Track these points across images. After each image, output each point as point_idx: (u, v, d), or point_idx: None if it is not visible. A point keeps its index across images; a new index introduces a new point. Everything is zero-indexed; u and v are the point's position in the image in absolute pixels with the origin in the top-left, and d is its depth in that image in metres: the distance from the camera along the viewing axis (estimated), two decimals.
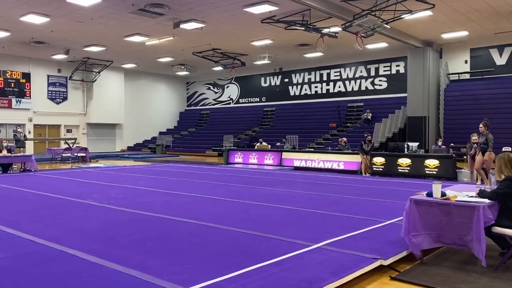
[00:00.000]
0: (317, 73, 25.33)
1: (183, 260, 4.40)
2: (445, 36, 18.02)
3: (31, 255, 4.57)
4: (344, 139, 16.37)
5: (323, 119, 23.63)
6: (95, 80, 25.56)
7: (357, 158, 14.29)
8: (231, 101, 29.76)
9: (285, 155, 16.90)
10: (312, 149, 18.37)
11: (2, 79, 22.33)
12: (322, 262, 4.29)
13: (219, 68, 24.10)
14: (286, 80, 26.72)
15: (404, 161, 13.23)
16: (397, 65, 22.20)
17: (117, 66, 25.60)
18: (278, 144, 18.87)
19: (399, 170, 13.24)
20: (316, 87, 25.49)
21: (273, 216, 6.89)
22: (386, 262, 4.36)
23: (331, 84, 24.86)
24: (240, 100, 29.24)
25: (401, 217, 4.85)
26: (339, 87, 24.54)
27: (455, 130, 18.17)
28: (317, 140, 21.60)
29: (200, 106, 31.58)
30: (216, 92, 30.60)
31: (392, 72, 22.49)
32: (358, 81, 23.78)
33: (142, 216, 6.73)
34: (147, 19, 15.35)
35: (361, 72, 23.63)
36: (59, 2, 13.28)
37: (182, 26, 15.77)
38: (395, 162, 13.44)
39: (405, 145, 13.71)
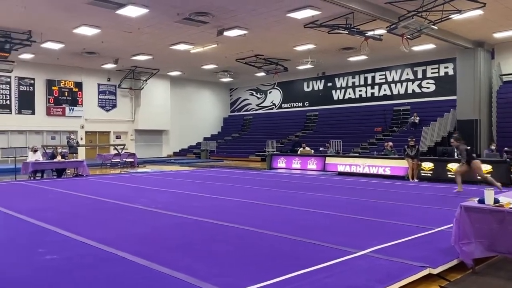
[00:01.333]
0: (361, 76, 24.90)
1: (229, 264, 4.46)
2: (497, 35, 17.19)
3: (84, 257, 4.78)
4: (390, 143, 15.97)
5: (368, 123, 23.17)
6: (143, 88, 26.43)
7: (404, 163, 13.88)
8: (273, 106, 29.82)
9: (328, 160, 16.71)
10: (357, 154, 18.04)
11: (56, 89, 23.57)
12: (368, 270, 4.21)
13: (262, 74, 24.24)
14: (329, 84, 26.45)
15: (455, 166, 12.71)
16: (446, 67, 21.41)
17: (163, 74, 26.36)
18: (321, 149, 18.69)
19: (449, 176, 12.73)
20: (360, 90, 25.05)
21: (316, 221, 6.83)
22: (435, 271, 4.22)
23: (376, 87, 24.36)
24: (283, 105, 29.24)
25: (451, 225, 4.67)
26: (385, 90, 23.99)
27: (509, 134, 17.24)
28: (361, 144, 21.20)
29: (243, 111, 31.88)
30: (258, 98, 30.78)
31: (440, 74, 21.71)
32: (404, 84, 23.15)
33: (188, 220, 6.87)
34: (191, 28, 15.72)
35: (407, 74, 22.99)
36: (109, 14, 13.87)
37: (226, 33, 16.01)
38: (445, 167, 12.93)
39: (455, 150, 13.18)
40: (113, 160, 20.30)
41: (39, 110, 22.98)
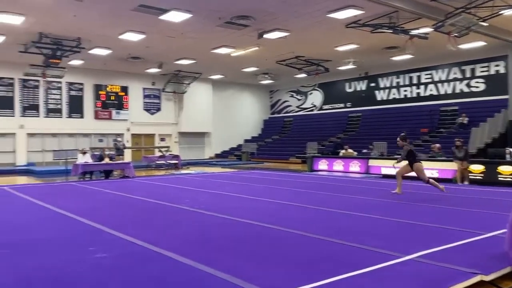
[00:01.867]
0: (406, 76, 24.25)
1: (271, 266, 4.46)
2: None
3: (132, 256, 4.94)
4: (438, 145, 15.42)
5: (414, 124, 22.50)
6: (186, 91, 26.99)
7: (452, 166, 13.37)
8: (314, 107, 29.60)
9: (372, 162, 16.37)
10: None
11: (104, 93, 24.51)
12: (414, 275, 4.09)
13: (302, 75, 24.13)
14: (372, 84, 25.93)
15: (506, 169, 12.12)
16: (497, 65, 20.45)
17: (205, 77, 26.81)
18: (364, 151, 18.34)
19: (500, 179, 12.15)
20: (405, 91, 24.40)
21: (359, 225, 6.71)
22: (487, 278, 4.03)
23: (422, 87, 23.63)
24: (324, 107, 28.96)
25: (504, 230, 4.45)
26: (431, 90, 23.23)
27: None
28: None
29: (283, 113, 31.85)
30: (299, 99, 30.65)
31: (491, 73, 20.76)
32: (451, 83, 22.32)
33: (231, 221, 6.94)
34: (233, 31, 15.90)
35: (455, 73, 22.15)
36: (154, 19, 14.29)
37: (266, 36, 16.07)
38: (495, 170, 12.34)
39: (507, 151, 12.55)
40: (157, 162, 20.85)
41: (87, 114, 23.98)
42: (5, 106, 21.38)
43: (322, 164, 18.08)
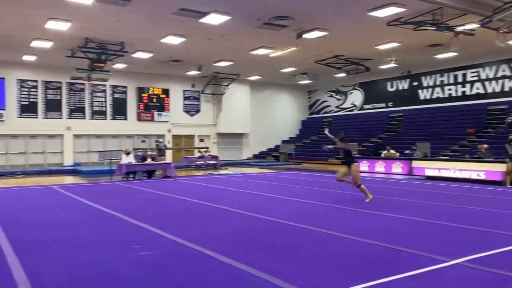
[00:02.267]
0: (451, 74, 23.38)
1: (312, 268, 4.42)
2: None
3: (172, 254, 5.04)
4: (485, 146, 14.78)
5: (459, 124, 21.67)
6: (224, 93, 27.27)
7: (500, 167, 12.77)
8: (354, 107, 29.11)
9: (415, 163, 15.91)
10: (447, 157, 16.96)
11: (146, 95, 25.17)
12: (462, 280, 3.93)
13: (342, 74, 23.79)
14: (415, 83, 25.19)
15: None
16: None
17: (243, 78, 26.97)
18: (407, 151, 17.85)
19: None
20: (449, 89, 23.54)
21: (403, 227, 6.53)
22: None
23: (468, 85, 22.71)
24: (364, 107, 28.42)
25: None
26: (477, 88, 22.28)
27: None
28: (451, 147, 19.89)
29: (322, 114, 31.52)
30: (338, 99, 30.24)
31: None
32: (500, 81, 21.31)
33: (270, 222, 6.94)
34: (271, 32, 15.90)
35: (503, 71, 21.13)
36: (194, 23, 14.52)
37: (305, 36, 15.96)
38: None
39: None
40: (197, 162, 21.18)
41: (130, 116, 24.70)
42: (54, 109, 22.38)
43: (363, 166, 17.74)
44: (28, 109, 21.61)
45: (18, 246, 5.40)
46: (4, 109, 20.78)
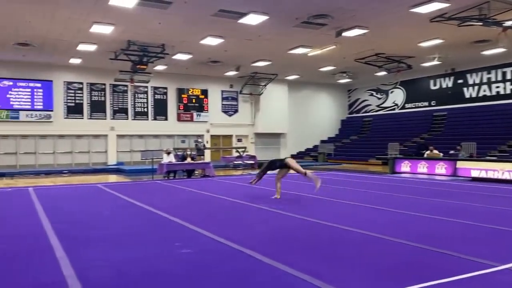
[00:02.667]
0: (499, 71, 22.35)
1: (353, 270, 4.34)
2: None
3: (213, 252, 5.08)
4: None
5: (508, 123, 20.68)
6: (262, 93, 27.32)
7: None
8: (396, 106, 28.40)
9: (460, 164, 15.31)
10: (494, 158, 16.23)
11: (186, 96, 25.62)
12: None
13: (383, 73, 23.27)
14: (460, 81, 24.27)
15: None
16: None
17: (281, 78, 26.92)
18: (451, 152, 17.22)
19: None
20: (497, 87, 22.51)
21: (447, 230, 6.29)
22: None
23: None
24: (406, 105, 27.67)
25: None
26: None
27: None
28: (500, 147, 19.01)
29: (362, 113, 30.96)
30: (379, 98, 29.60)
31: None
32: None
33: (309, 222, 6.87)
34: (310, 31, 15.78)
35: None
36: (232, 24, 14.63)
37: (345, 34, 15.72)
38: None
39: None
40: (235, 162, 21.33)
41: (171, 116, 25.22)
42: (98, 110, 23.19)
43: (405, 166, 17.27)
44: (74, 110, 22.52)
45: (66, 242, 5.62)
46: (52, 110, 21.75)
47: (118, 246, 5.45)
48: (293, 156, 28.74)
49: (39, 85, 21.49)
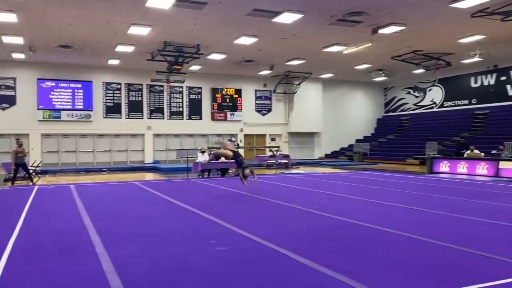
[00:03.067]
0: None
1: (388, 270, 4.26)
2: None
3: (249, 251, 5.10)
4: None
5: None
6: (296, 91, 27.20)
7: None
8: (434, 105, 27.59)
9: (503, 164, 14.71)
10: None
11: (220, 96, 25.87)
12: None
13: (420, 70, 22.66)
14: (503, 78, 23.29)
15: None
16: None
17: (315, 77, 26.71)
18: (493, 152, 16.57)
19: None
20: None
21: (489, 232, 6.05)
22: None
23: None
24: (445, 104, 26.82)
25: None
26: None
27: None
28: None
29: (398, 112, 30.27)
30: (416, 96, 28.85)
31: None
32: None
33: (345, 223, 6.78)
34: (345, 29, 15.58)
35: None
36: (266, 23, 14.64)
37: (381, 31, 15.42)
38: None
39: None
40: (268, 161, 21.33)
41: (205, 116, 25.53)
42: (136, 110, 23.78)
43: (444, 166, 16.76)
44: (112, 110, 23.19)
45: (106, 237, 5.79)
46: (92, 110, 22.48)
47: (155, 242, 5.58)
48: (327, 156, 28.53)
49: (79, 85, 22.26)
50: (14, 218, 7.32)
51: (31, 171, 14.79)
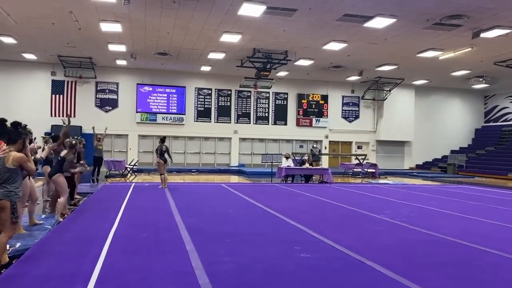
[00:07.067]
0: None
1: None
2: None
3: (335, 260, 5.00)
4: None
5: None
6: (386, 98, 26.19)
7: None
8: None
9: None
10: None
11: (305, 101, 25.79)
12: None
13: None
14: None
15: None
16: None
17: (407, 83, 25.49)
18: None
19: None
20: None
21: None
22: None
23: None
24: None
25: None
26: None
27: None
28: None
29: (501, 122, 27.75)
30: None
31: None
32: None
33: (438, 238, 6.37)
34: (442, 33, 14.68)
35: None
36: (357, 28, 14.32)
37: (483, 35, 14.26)
38: None
39: None
40: (354, 170, 20.79)
41: (290, 121, 25.61)
42: (224, 114, 24.61)
43: None
44: (203, 114, 24.24)
45: (195, 235, 6.06)
46: (184, 114, 23.71)
47: (240, 243, 5.71)
48: (418, 166, 27.04)
49: (174, 90, 23.62)
50: (114, 212, 7.96)
51: (128, 169, 15.97)
